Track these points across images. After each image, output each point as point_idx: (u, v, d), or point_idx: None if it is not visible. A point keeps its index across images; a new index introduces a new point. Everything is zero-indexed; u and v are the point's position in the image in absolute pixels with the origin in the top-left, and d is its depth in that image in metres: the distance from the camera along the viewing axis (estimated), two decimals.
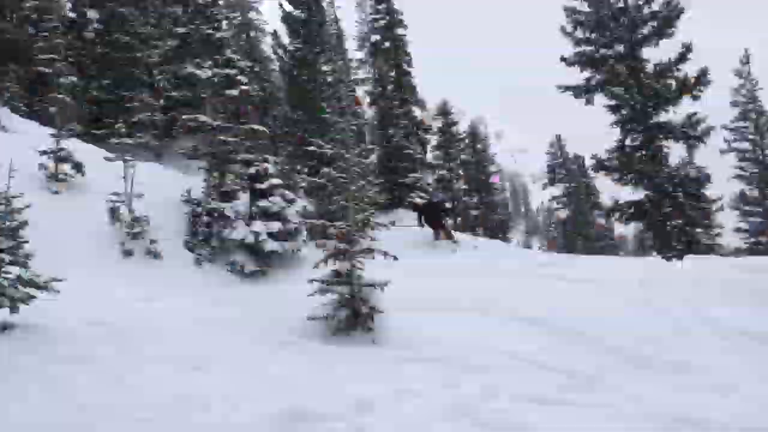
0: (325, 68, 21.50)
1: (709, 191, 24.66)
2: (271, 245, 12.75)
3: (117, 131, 13.06)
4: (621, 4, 24.22)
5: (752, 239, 30.48)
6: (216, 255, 12.89)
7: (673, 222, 22.99)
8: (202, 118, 14.20)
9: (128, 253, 11.61)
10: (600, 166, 24.57)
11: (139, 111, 23.88)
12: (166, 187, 14.73)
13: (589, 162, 27.70)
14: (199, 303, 9.28)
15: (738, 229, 30.76)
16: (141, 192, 12.30)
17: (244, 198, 14.45)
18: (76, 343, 5.83)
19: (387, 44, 34.19)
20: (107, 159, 13.05)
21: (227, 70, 14.51)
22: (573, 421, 5.23)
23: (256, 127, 14.39)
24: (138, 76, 25.74)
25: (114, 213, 11.87)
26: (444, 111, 36.60)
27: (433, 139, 35.93)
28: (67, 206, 12.38)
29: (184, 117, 14.38)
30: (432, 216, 17.57)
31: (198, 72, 14.30)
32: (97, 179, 13.89)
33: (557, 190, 42.28)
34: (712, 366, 8.86)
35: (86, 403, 4.25)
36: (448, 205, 19.18)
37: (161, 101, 26.18)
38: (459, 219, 35.19)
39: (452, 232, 17.82)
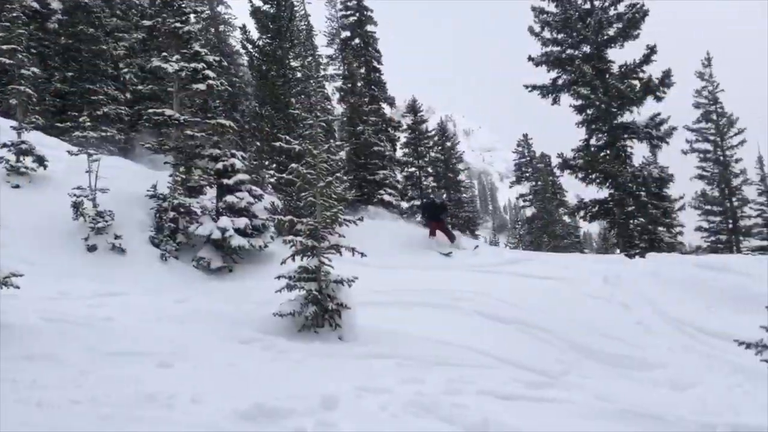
0: (294, 64, 21.41)
1: (672, 191, 25.19)
2: (238, 241, 12.67)
3: (81, 124, 12.81)
4: (587, 6, 24.56)
5: (712, 238, 31.21)
6: (182, 251, 12.77)
7: (636, 220, 23.45)
8: (169, 112, 14.02)
9: (92, 248, 11.44)
10: (565, 165, 24.89)
11: (104, 104, 23.53)
12: (132, 181, 14.53)
13: (555, 161, 28.07)
14: (164, 299, 9.19)
15: (699, 228, 31.43)
16: (106, 187, 12.13)
17: (210, 193, 14.34)
18: (38, 340, 5.73)
19: (357, 41, 34.17)
20: (71, 153, 12.81)
21: (195, 64, 14.29)
22: (536, 416, 5.32)
23: (223, 121, 14.25)
24: (103, 69, 25.31)
25: (77, 207, 11.67)
26: (413, 109, 36.66)
27: (403, 137, 35.97)
28: (29, 200, 12.15)
29: (150, 111, 14.17)
30: (434, 216, 17.54)
31: (165, 65, 14.05)
32: (60, 173, 13.65)
33: (524, 188, 42.70)
34: (671, 363, 9.11)
35: (48, 402, 4.18)
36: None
37: (127, 95, 25.80)
38: None
39: (454, 233, 17.65)
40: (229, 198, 13.24)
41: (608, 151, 24.36)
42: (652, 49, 23.50)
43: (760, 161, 31.99)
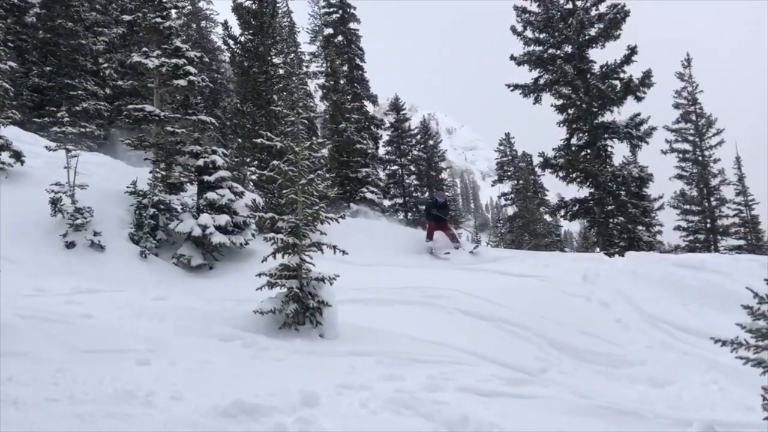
0: (276, 60, 21.30)
1: (651, 190, 25.44)
2: (218, 238, 12.62)
3: (59, 120, 12.67)
4: (569, 6, 24.71)
5: (691, 237, 31.59)
6: (162, 248, 12.69)
7: (616, 219, 23.68)
8: (149, 108, 13.92)
9: (70, 245, 11.32)
10: (546, 164, 25.03)
11: (83, 99, 23.29)
12: (111, 178, 14.41)
13: (536, 160, 28.21)
14: (143, 296, 9.12)
15: (678, 227, 31.80)
16: (84, 183, 12.01)
17: (191, 190, 14.26)
18: (14, 337, 5.65)
19: (340, 38, 34.11)
20: (49, 148, 12.66)
21: (175, 60, 14.18)
22: (515, 413, 5.36)
23: (204, 118, 14.17)
24: (82, 64, 25.08)
25: (56, 204, 11.54)
26: (396, 107, 36.71)
27: (385, 135, 36.01)
28: (6, 196, 11.99)
29: (130, 107, 14.03)
30: (436, 217, 16.39)
31: (145, 61, 13.93)
32: (38, 169, 13.49)
33: (506, 187, 42.92)
34: (649, 360, 9.23)
35: (24, 400, 4.14)
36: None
37: (107, 90, 25.56)
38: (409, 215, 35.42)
39: (456, 234, 16.86)
40: (210, 195, 13.18)
41: (589, 151, 24.55)
42: (632, 50, 23.71)
43: (737, 161, 32.47)
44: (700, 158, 31.96)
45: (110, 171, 15.45)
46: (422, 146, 37.90)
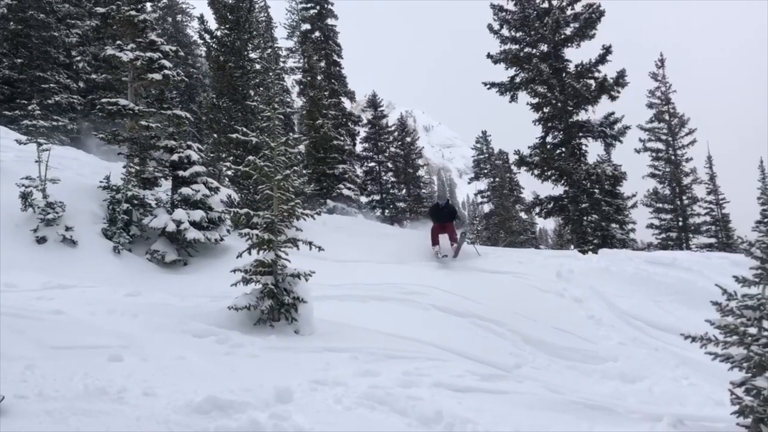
0: (253, 55, 21.14)
1: (625, 188, 25.72)
2: (193, 234, 12.51)
3: (31, 113, 12.47)
4: (545, 5, 24.87)
5: (663, 235, 32.05)
6: (135, 243, 12.54)
7: (590, 217, 23.93)
8: (123, 101, 13.74)
9: (41, 240, 11.14)
10: (522, 162, 25.19)
11: (55, 93, 22.92)
12: (84, 172, 14.21)
13: (512, 158, 28.34)
14: (116, 292, 9.01)
15: (650, 225, 32.23)
16: (56, 177, 11.82)
17: (166, 185, 14.11)
18: None
19: (317, 34, 34.00)
20: (19, 142, 12.43)
21: (150, 54, 14.00)
22: (489, 408, 5.40)
23: (179, 112, 14.03)
24: (54, 57, 24.67)
25: (26, 198, 11.34)
26: (373, 103, 36.69)
27: (363, 131, 35.99)
28: None
29: (103, 100, 13.84)
30: (439, 219, 14.65)
31: (119, 54, 13.73)
32: (7, 163, 13.25)
33: (482, 184, 43.09)
34: (621, 356, 9.37)
35: None
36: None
37: (80, 83, 25.18)
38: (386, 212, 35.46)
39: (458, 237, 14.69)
40: (185, 190, 13.06)
41: (563, 149, 24.76)
42: (607, 50, 23.95)
43: (709, 160, 33.02)
44: (673, 157, 32.43)
45: (83, 165, 15.23)
46: (400, 143, 37.93)
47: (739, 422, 5.83)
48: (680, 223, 32.17)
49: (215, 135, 18.25)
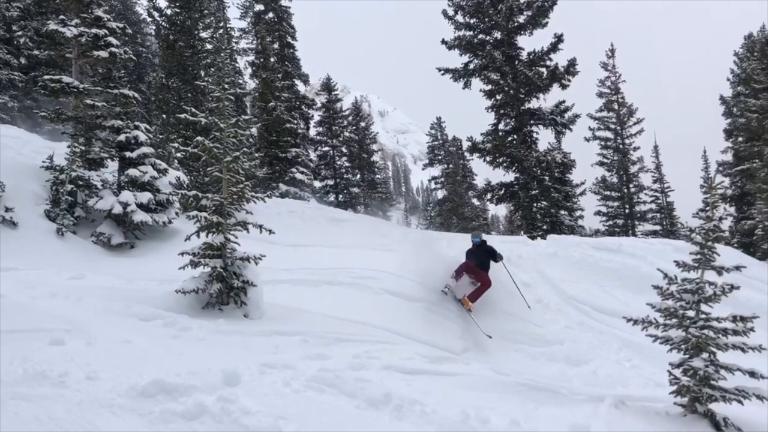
0: (204, 35, 20.70)
1: (574, 176, 26.28)
2: (140, 216, 12.23)
3: None
4: None
5: (610, 222, 32.90)
6: (80, 225, 12.20)
7: (540, 204, 24.35)
8: (67, 79, 13.27)
9: None
10: (474, 148, 25.40)
11: None
12: (25, 152, 13.71)
13: (465, 144, 28.57)
14: (59, 275, 8.76)
15: (598, 212, 33.05)
16: None
17: (112, 166, 13.74)
18: None
19: (271, 15, 33.43)
20: None
21: (96, 30, 13.54)
22: (437, 389, 5.47)
23: (126, 92, 13.63)
24: None
25: None
26: (328, 87, 36.44)
27: (317, 115, 35.72)
28: None
29: (46, 77, 13.33)
30: (479, 263, 10.79)
31: (63, 30, 13.24)
32: None
33: (436, 170, 43.34)
34: (567, 339, 9.60)
35: None
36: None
37: (21, 59, 24.23)
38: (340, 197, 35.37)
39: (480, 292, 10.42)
40: (132, 172, 12.75)
41: (515, 136, 25.09)
42: (559, 38, 24.27)
43: (656, 150, 33.96)
44: (621, 146, 33.23)
45: (24, 144, 14.67)
46: (354, 128, 37.82)
47: (676, 401, 6.06)
48: (627, 211, 33.07)
49: (164, 115, 17.86)
